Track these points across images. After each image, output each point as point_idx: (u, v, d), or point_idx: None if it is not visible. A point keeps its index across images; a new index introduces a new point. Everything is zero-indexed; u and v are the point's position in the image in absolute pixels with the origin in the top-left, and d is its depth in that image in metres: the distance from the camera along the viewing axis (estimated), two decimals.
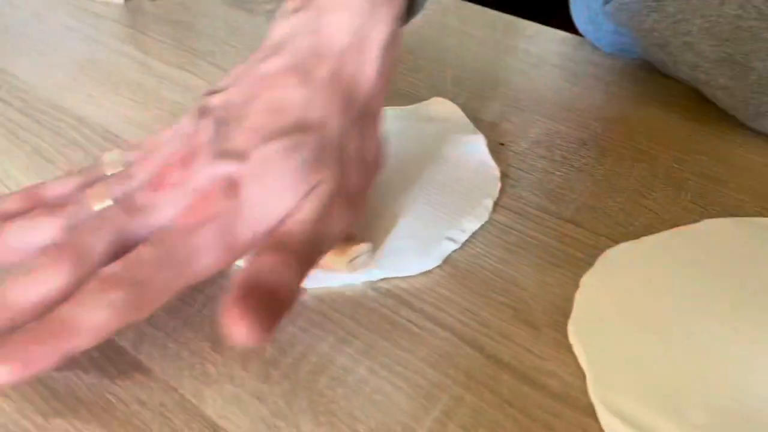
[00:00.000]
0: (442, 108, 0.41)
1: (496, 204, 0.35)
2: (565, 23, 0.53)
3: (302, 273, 0.25)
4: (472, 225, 0.33)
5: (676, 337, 0.27)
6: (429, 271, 0.31)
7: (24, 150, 0.38)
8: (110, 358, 0.27)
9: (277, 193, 0.26)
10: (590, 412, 0.25)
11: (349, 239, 0.30)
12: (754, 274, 0.30)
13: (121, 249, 0.25)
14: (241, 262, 0.28)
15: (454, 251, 0.32)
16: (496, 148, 0.38)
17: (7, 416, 0.25)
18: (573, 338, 0.28)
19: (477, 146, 0.38)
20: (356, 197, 0.29)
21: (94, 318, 0.23)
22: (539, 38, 0.51)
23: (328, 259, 0.29)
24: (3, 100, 0.43)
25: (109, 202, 0.27)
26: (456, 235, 0.33)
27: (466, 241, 0.33)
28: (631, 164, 0.38)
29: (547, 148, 0.39)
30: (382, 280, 0.31)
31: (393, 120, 0.38)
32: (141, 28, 0.52)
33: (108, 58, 0.48)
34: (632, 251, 0.32)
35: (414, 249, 0.32)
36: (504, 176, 0.37)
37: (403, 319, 0.29)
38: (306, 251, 0.26)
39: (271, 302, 0.24)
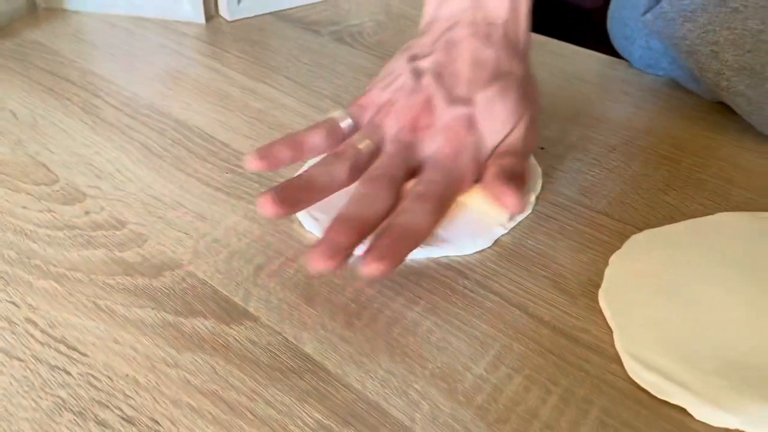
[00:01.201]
0: None
1: (538, 198, 0.41)
2: (599, 41, 0.59)
3: (524, 170, 0.38)
4: (520, 216, 0.39)
5: (689, 304, 0.33)
6: (482, 251, 0.37)
7: (135, 146, 0.45)
8: (225, 309, 0.34)
9: (501, 124, 0.38)
10: (616, 359, 0.31)
11: None
12: (758, 255, 0.35)
13: (408, 174, 0.37)
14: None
15: (503, 235, 0.38)
16: (538, 152, 0.44)
17: (147, 348, 0.32)
18: (602, 303, 0.34)
19: None
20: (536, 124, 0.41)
21: (424, 222, 0.34)
22: (575, 58, 0.57)
23: (490, 214, 0.38)
24: (113, 105, 0.50)
25: (370, 144, 0.37)
26: (505, 222, 0.39)
27: (513, 227, 0.39)
28: (656, 167, 0.44)
29: (581, 152, 0.45)
30: (442, 257, 0.37)
31: None
32: (221, 46, 0.59)
33: (196, 71, 0.55)
34: (654, 236, 0.37)
35: (470, 233, 0.38)
36: (545, 175, 0.43)
37: (459, 286, 0.35)
38: (523, 158, 0.39)
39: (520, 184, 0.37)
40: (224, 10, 0.63)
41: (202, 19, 0.62)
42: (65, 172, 0.43)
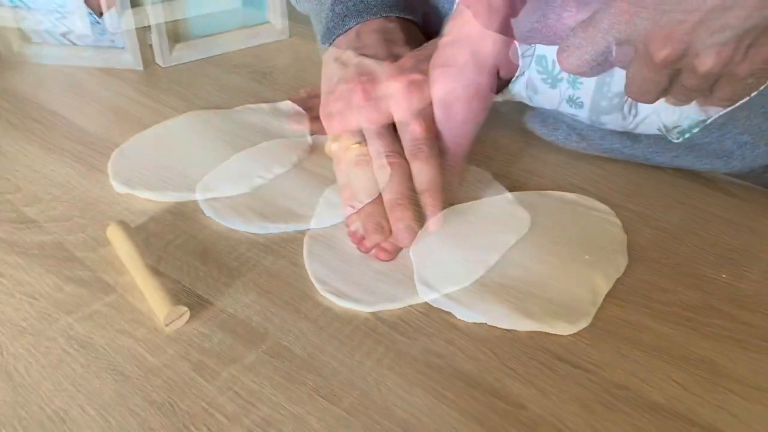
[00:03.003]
0: None
1: None
2: None
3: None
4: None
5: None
6: (336, 225, 0.51)
7: (82, 164, 0.59)
8: None
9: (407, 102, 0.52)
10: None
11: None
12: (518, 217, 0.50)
13: None
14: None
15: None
16: None
17: (68, 294, 0.45)
18: (412, 255, 0.48)
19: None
20: None
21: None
22: None
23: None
24: (65, 136, 0.63)
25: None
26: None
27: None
28: (477, 165, 0.58)
29: None
30: (305, 229, 0.51)
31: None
32: (155, 87, 0.73)
33: (132, 106, 0.69)
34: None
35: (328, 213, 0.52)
36: None
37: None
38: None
39: None
40: (159, 59, 0.77)
41: (140, 66, 0.76)
42: (27, 184, 0.56)
